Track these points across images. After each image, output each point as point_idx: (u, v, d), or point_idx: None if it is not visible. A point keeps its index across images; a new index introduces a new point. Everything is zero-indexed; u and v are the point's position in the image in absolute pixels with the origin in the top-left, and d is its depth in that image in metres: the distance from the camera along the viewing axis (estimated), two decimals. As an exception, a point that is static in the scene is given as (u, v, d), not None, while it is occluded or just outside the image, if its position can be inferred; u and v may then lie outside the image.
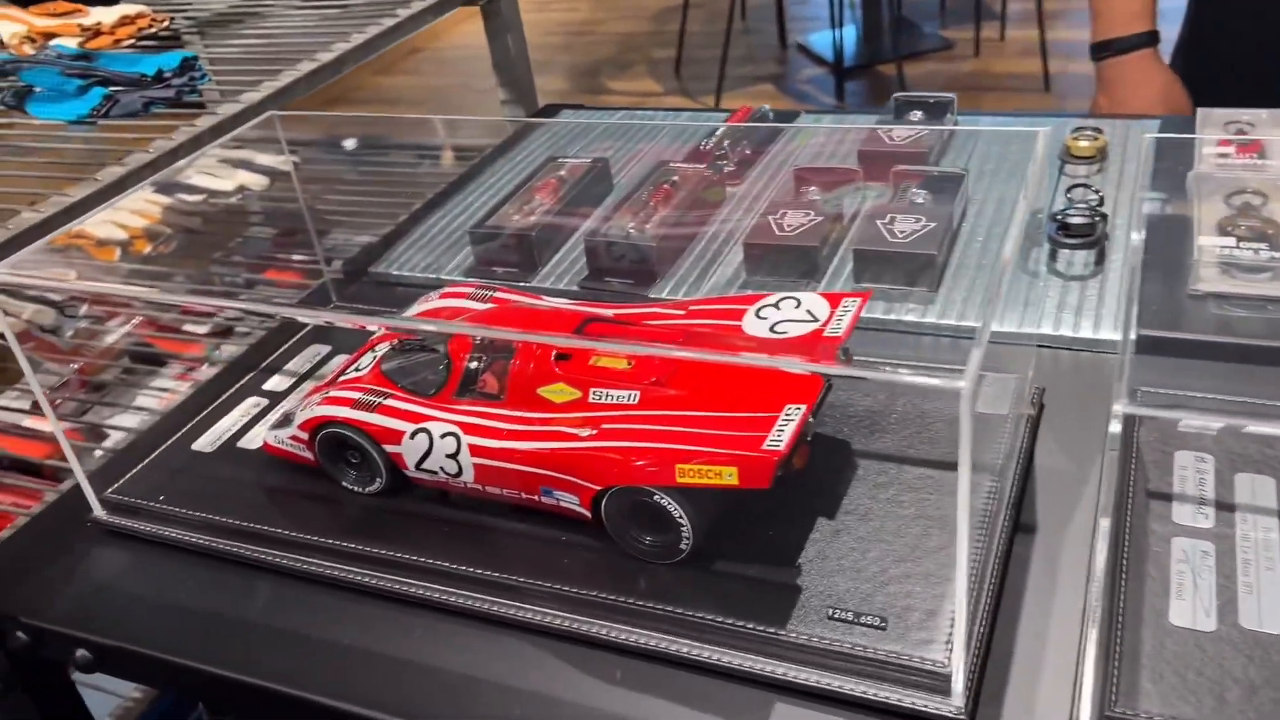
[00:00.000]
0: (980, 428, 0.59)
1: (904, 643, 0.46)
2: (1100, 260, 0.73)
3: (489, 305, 0.64)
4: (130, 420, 0.90)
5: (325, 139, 1.01)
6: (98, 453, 0.83)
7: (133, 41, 1.01)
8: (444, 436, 0.55)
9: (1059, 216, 0.74)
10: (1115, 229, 0.76)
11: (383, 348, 0.63)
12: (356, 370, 0.62)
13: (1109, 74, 1.06)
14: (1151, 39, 1.03)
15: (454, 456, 0.55)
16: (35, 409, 1.01)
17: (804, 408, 0.49)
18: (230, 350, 0.98)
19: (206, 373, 0.87)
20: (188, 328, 1.05)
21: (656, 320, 0.60)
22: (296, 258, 1.09)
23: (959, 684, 0.44)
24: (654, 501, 0.50)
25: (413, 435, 0.56)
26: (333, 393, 0.60)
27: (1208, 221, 0.73)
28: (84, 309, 0.97)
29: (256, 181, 1.15)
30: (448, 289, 0.67)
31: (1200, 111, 0.88)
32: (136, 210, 1.07)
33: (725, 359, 0.52)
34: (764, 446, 0.48)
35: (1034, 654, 0.47)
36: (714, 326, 0.58)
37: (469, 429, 0.55)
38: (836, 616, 0.48)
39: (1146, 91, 1.04)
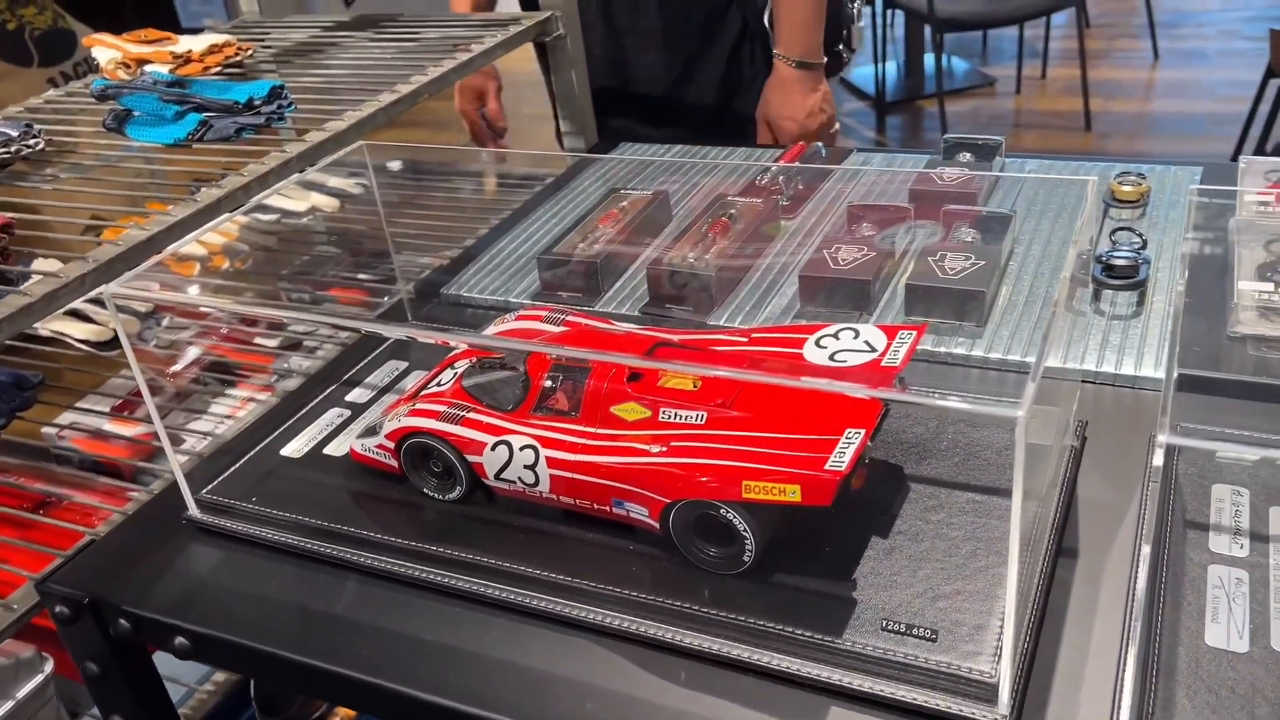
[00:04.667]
0: (1027, 456, 0.62)
1: (953, 654, 0.50)
2: (1143, 301, 0.76)
3: (563, 328, 0.68)
4: (205, 426, 0.95)
5: (398, 165, 1.06)
6: (182, 457, 0.88)
7: (220, 69, 1.06)
8: (523, 449, 0.60)
9: (1104, 258, 0.77)
10: (1158, 271, 0.79)
11: (462, 364, 0.68)
12: (438, 385, 0.67)
13: None
14: None
15: (532, 468, 0.59)
16: (114, 414, 1.07)
17: (864, 431, 0.53)
18: (299, 363, 1.03)
19: (279, 384, 0.92)
20: (259, 341, 1.10)
21: (721, 346, 0.64)
22: (363, 277, 1.15)
23: (1005, 693, 0.48)
24: (720, 515, 0.54)
25: (494, 447, 0.60)
26: (418, 405, 0.64)
27: (1247, 267, 0.76)
28: (166, 320, 1.02)
29: (327, 203, 1.20)
30: (523, 312, 0.71)
31: (1242, 159, 0.91)
32: (215, 228, 1.13)
33: (794, 383, 0.56)
34: (826, 466, 0.51)
35: (1075, 669, 0.50)
36: (776, 354, 0.61)
37: (546, 442, 0.59)
38: (889, 628, 0.51)
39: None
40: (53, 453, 1.05)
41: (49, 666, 0.77)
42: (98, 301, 1.04)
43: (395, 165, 1.23)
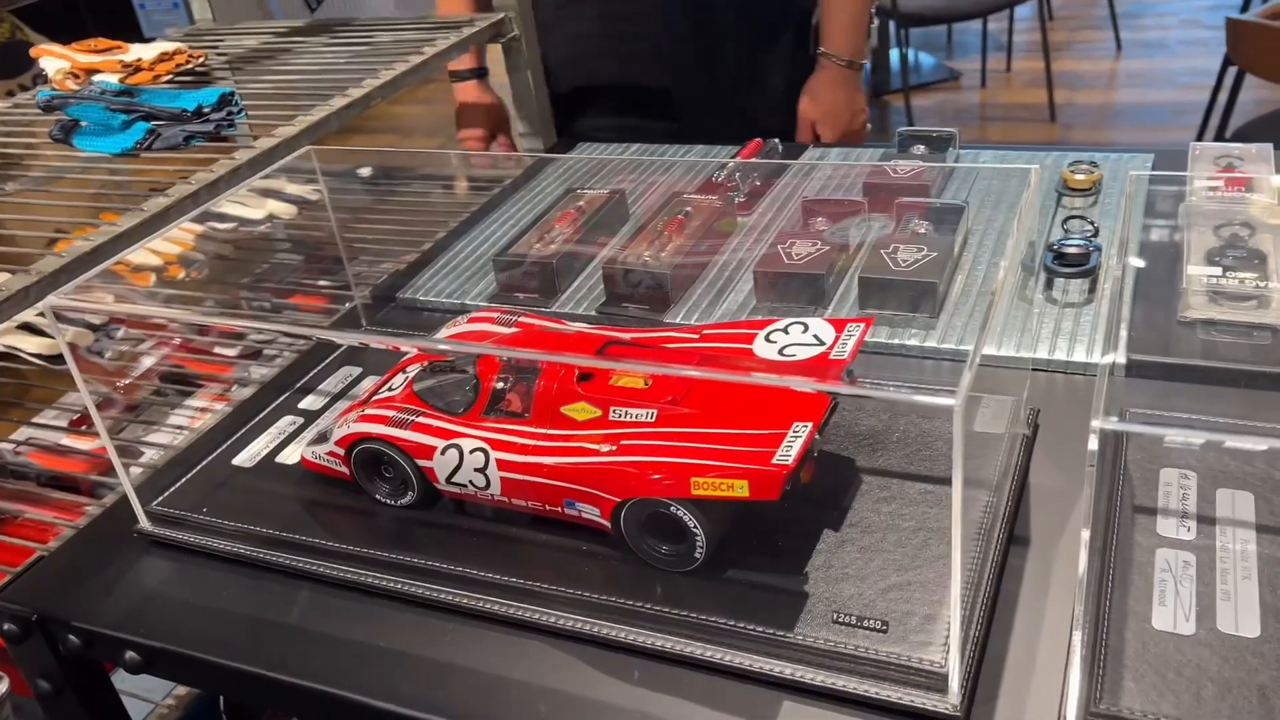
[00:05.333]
0: (977, 446, 0.62)
1: (904, 645, 0.49)
2: (1094, 288, 0.76)
3: (514, 330, 0.68)
4: (163, 438, 0.94)
5: (354, 169, 1.06)
6: (135, 469, 0.87)
7: (171, 77, 1.05)
8: (473, 452, 0.59)
9: (1055, 246, 0.77)
10: (1110, 259, 0.79)
11: (414, 369, 0.67)
12: (389, 390, 0.66)
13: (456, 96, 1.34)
14: (479, 73, 1.32)
15: (482, 470, 0.59)
16: (72, 428, 1.05)
17: (810, 425, 0.53)
18: (259, 372, 1.02)
19: (237, 393, 0.91)
20: (218, 350, 1.09)
21: (672, 344, 0.63)
22: (323, 283, 1.14)
23: (955, 683, 0.48)
24: (670, 513, 0.54)
25: (444, 451, 0.60)
26: (368, 411, 0.63)
27: (1197, 251, 0.76)
28: (121, 331, 1.01)
29: (285, 210, 1.19)
30: (475, 314, 0.71)
31: (1192, 146, 0.91)
32: (170, 237, 1.12)
33: (736, 379, 0.56)
34: (773, 461, 0.51)
35: (1026, 656, 0.51)
36: (726, 349, 0.61)
37: (496, 445, 0.59)
38: (841, 620, 0.51)
39: (473, 109, 1.33)
40: (9, 469, 1.04)
41: (4, 685, 0.76)
42: (51, 314, 1.03)
43: (365, 171, 1.22)
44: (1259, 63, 1.94)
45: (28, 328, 0.99)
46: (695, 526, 0.54)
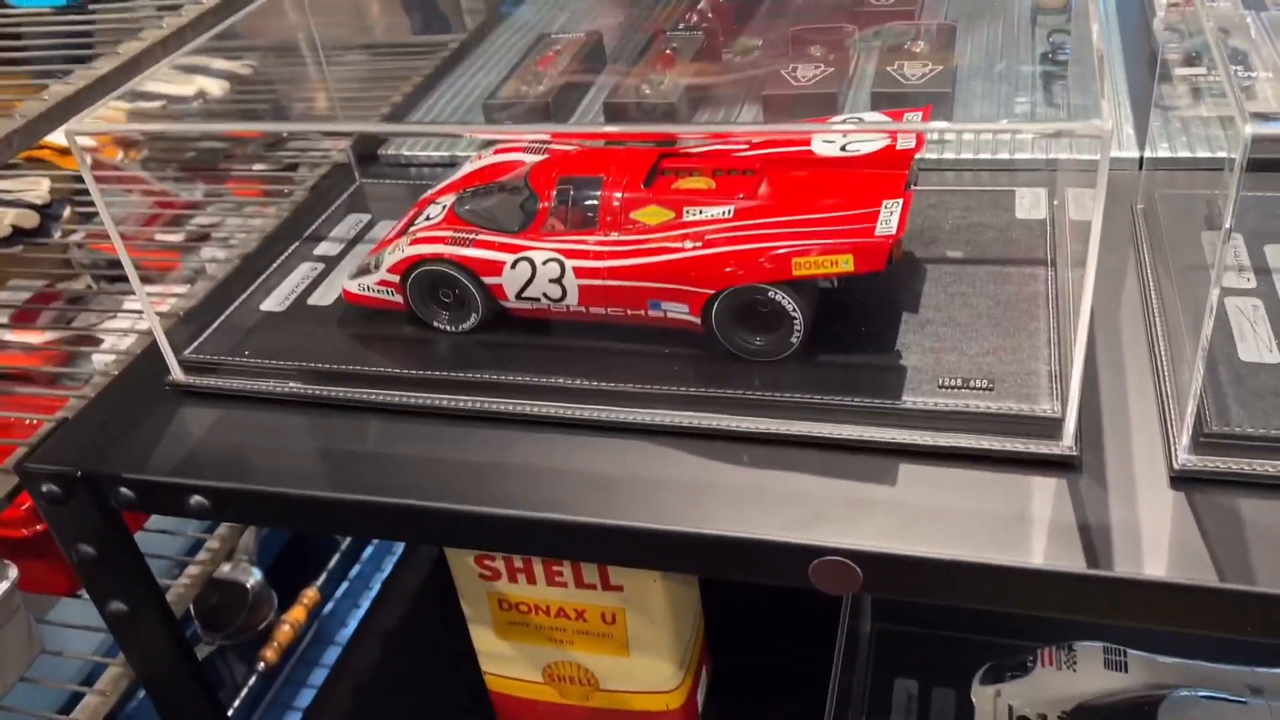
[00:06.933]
0: (1022, 231, 0.65)
1: (1012, 399, 0.51)
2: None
3: (546, 156, 0.66)
4: (123, 323, 0.88)
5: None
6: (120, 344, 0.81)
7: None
8: (546, 263, 0.58)
9: (1051, 56, 0.80)
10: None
11: (446, 199, 0.65)
12: (427, 220, 0.63)
13: None
14: None
15: (558, 281, 0.58)
16: (15, 323, 0.98)
17: (901, 200, 0.54)
18: (210, 257, 0.96)
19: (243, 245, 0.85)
20: (160, 237, 1.03)
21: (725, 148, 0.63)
22: (259, 168, 1.07)
23: (1070, 425, 0.50)
24: (769, 298, 0.54)
25: (514, 265, 0.58)
26: (419, 236, 0.61)
27: (1176, 58, 0.80)
28: (66, 213, 0.94)
29: (216, 86, 1.12)
30: (500, 146, 0.68)
31: (1147, -33, 0.95)
32: (100, 116, 1.04)
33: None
34: (876, 233, 0.52)
35: (1118, 402, 0.53)
36: (786, 154, 0.61)
37: (570, 254, 0.57)
38: (946, 384, 0.53)
39: None
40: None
41: (13, 572, 0.72)
42: (-15, 195, 0.95)
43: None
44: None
45: (-39, 212, 0.91)
46: (794, 310, 0.54)
